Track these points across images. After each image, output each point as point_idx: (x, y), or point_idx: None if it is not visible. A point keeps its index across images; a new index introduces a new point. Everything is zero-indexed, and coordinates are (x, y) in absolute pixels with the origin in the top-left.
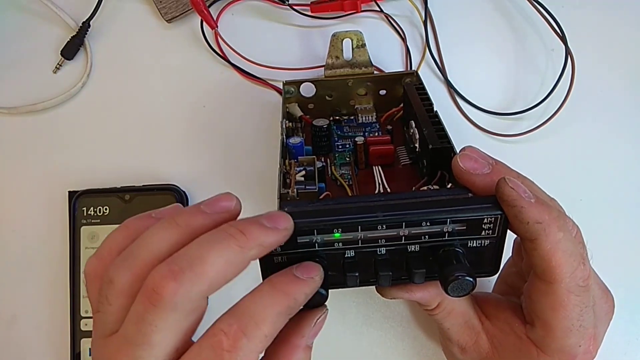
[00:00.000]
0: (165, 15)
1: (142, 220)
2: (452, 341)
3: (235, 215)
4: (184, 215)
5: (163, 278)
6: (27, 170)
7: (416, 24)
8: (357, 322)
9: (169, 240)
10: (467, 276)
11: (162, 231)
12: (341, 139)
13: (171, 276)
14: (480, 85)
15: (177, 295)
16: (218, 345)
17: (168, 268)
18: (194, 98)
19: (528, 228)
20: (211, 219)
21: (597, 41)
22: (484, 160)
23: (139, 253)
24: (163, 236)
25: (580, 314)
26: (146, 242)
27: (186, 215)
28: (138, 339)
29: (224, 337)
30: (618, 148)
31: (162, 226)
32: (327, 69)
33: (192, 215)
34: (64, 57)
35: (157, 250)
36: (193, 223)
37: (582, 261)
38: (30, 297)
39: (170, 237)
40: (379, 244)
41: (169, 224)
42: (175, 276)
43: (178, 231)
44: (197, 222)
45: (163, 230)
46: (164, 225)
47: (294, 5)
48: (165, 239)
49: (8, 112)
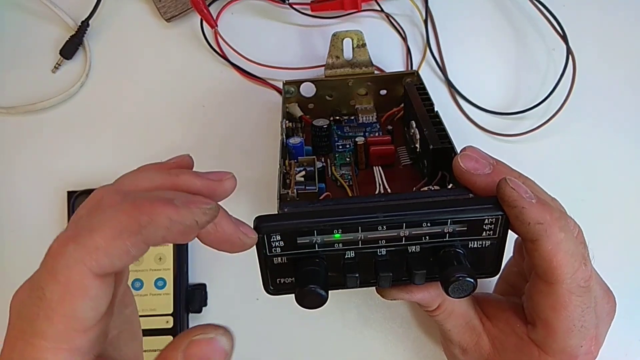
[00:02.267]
0: (164, 15)
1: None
2: (453, 342)
3: (225, 189)
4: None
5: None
6: (26, 170)
7: (417, 23)
8: (357, 323)
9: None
10: (468, 277)
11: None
12: (341, 139)
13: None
14: (481, 85)
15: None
16: (48, 253)
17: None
18: (193, 97)
19: (529, 229)
20: (202, 179)
21: (598, 40)
22: (485, 161)
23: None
24: (150, 174)
25: (582, 314)
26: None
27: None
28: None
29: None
30: (619, 147)
31: (155, 167)
32: (328, 68)
33: (186, 174)
34: (63, 57)
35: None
36: (182, 175)
37: (584, 262)
38: None
39: (155, 177)
40: (380, 244)
41: (160, 167)
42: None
43: (165, 175)
44: (188, 179)
45: (154, 170)
46: (157, 167)
47: (294, 4)
48: (151, 178)
49: (7, 111)
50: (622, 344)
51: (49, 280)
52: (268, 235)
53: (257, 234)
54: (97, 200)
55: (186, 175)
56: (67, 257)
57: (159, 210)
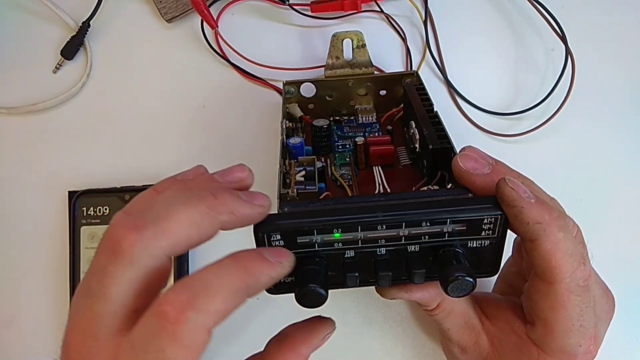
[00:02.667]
0: (165, 15)
1: (168, 181)
2: (453, 341)
3: (247, 187)
4: (196, 182)
5: (125, 229)
6: (27, 170)
7: (416, 24)
8: (357, 322)
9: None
10: (467, 276)
11: (172, 192)
12: (341, 139)
13: (134, 228)
14: (480, 85)
15: (136, 247)
16: (163, 316)
17: (133, 220)
18: (194, 98)
19: (528, 228)
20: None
21: (597, 41)
22: (484, 161)
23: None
24: (169, 194)
25: (581, 314)
26: (154, 199)
27: (199, 182)
28: (97, 291)
29: (169, 307)
30: (618, 147)
31: (175, 186)
32: (328, 69)
33: (205, 182)
34: (63, 57)
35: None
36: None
37: (583, 261)
38: (30, 297)
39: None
40: (379, 244)
41: (181, 184)
42: (138, 228)
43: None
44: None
45: (174, 190)
46: (177, 185)
47: (294, 5)
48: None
49: (8, 112)
50: (621, 343)
51: (173, 344)
52: (268, 234)
53: (257, 233)
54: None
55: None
56: (191, 324)
57: (264, 271)
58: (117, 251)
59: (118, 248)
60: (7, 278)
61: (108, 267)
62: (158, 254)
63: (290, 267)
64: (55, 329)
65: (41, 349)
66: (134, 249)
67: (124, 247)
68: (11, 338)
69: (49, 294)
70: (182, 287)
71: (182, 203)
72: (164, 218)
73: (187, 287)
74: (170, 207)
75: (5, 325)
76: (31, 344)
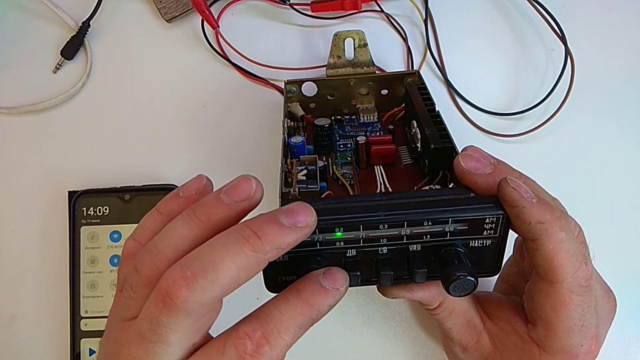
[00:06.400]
0: (165, 15)
1: (171, 202)
2: (454, 341)
3: (256, 203)
4: (204, 208)
5: (175, 283)
6: (27, 170)
7: (417, 23)
8: (357, 322)
9: (189, 236)
10: (469, 276)
11: (183, 226)
12: (343, 138)
13: (184, 282)
14: (481, 85)
15: (189, 302)
16: (242, 348)
17: (181, 273)
18: (194, 98)
19: (530, 228)
20: (231, 209)
21: (597, 41)
22: (486, 160)
23: (162, 247)
24: (183, 232)
25: (582, 313)
26: (168, 236)
27: (206, 208)
28: (153, 337)
29: (248, 341)
30: (618, 147)
31: (183, 220)
32: (329, 68)
33: (212, 208)
34: (63, 57)
35: (178, 245)
36: (213, 217)
37: (584, 261)
38: (30, 297)
39: (190, 233)
40: (381, 243)
41: (189, 218)
42: (188, 282)
43: (198, 226)
44: (217, 216)
45: (184, 224)
46: (185, 220)
47: (294, 5)
48: (186, 235)
49: (8, 112)
50: (622, 343)
51: None
52: None
53: None
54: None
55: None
56: (266, 357)
57: (326, 302)
58: (170, 305)
59: (170, 302)
60: (7, 278)
61: (161, 318)
62: (210, 303)
63: (347, 288)
64: (55, 329)
65: (41, 349)
66: (186, 305)
67: (176, 302)
68: (11, 338)
69: (48, 294)
70: (256, 323)
71: (226, 250)
72: (211, 270)
73: (260, 323)
74: (215, 255)
75: (5, 325)
76: (31, 344)
